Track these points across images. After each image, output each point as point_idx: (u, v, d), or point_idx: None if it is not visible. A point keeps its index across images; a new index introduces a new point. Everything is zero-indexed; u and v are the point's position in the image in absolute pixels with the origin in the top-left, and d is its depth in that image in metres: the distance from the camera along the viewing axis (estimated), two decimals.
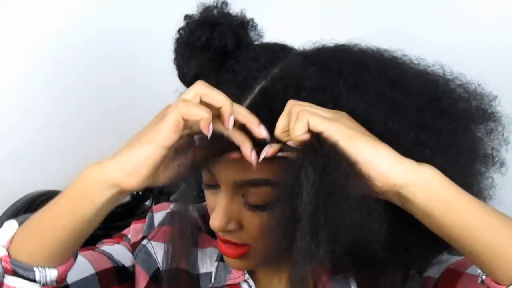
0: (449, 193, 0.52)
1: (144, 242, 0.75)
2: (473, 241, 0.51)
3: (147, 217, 0.78)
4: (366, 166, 0.51)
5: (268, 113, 0.56)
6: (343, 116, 0.55)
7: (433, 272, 0.68)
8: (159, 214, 0.78)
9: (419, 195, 0.51)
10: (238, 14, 0.65)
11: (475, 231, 0.51)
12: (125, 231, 0.79)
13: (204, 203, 0.80)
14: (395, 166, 0.52)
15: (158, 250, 0.74)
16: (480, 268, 0.54)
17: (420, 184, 0.51)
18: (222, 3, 0.65)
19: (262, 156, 0.56)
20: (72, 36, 0.97)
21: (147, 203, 1.04)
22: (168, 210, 0.79)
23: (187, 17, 0.64)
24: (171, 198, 1.07)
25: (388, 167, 0.51)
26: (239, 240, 0.64)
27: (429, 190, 0.51)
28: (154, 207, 0.80)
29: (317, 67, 0.58)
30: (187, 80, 0.64)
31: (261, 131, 0.55)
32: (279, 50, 0.63)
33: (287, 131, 0.54)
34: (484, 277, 0.54)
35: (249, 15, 0.66)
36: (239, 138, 0.56)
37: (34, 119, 0.95)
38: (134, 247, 0.75)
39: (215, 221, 0.62)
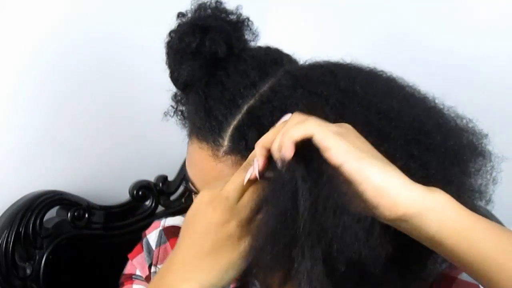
0: (462, 219, 0.48)
1: (153, 269, 0.75)
2: (486, 265, 0.48)
3: (143, 244, 0.78)
4: (374, 194, 0.46)
5: (257, 133, 0.55)
6: (349, 131, 0.51)
7: (427, 274, 0.68)
8: (152, 235, 0.78)
9: (430, 224, 0.47)
10: (234, 11, 0.64)
11: (489, 255, 0.48)
12: (127, 270, 0.78)
13: None
14: (407, 194, 0.47)
15: None
16: None
17: (433, 213, 0.48)
18: (216, 1, 0.63)
19: (246, 179, 0.53)
20: (71, 35, 0.97)
21: (147, 203, 1.04)
22: (160, 228, 0.79)
23: (180, 15, 0.63)
24: (171, 198, 1.07)
25: (399, 196, 0.47)
26: None
27: (441, 218, 0.48)
28: (146, 231, 0.80)
29: (304, 91, 0.56)
30: (178, 84, 0.63)
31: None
32: (270, 63, 0.61)
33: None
34: None
35: (247, 11, 0.65)
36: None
37: (34, 120, 0.95)
38: (149, 280, 0.75)
39: None
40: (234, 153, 0.57)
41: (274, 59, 0.62)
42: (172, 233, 0.78)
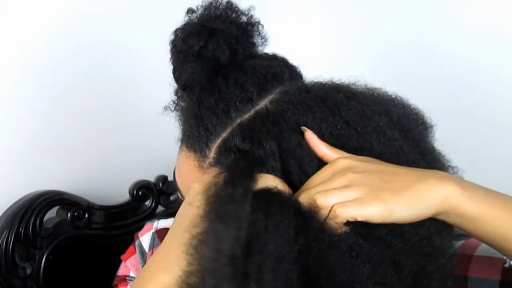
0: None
1: None
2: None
3: (135, 246, 0.78)
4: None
5: (248, 149, 0.55)
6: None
7: None
8: (145, 237, 0.78)
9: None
10: (245, 12, 0.62)
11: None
12: (120, 272, 0.78)
13: None
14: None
15: None
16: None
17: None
18: (228, 1, 0.61)
19: None
20: (73, 36, 0.97)
21: (147, 203, 1.04)
22: (153, 230, 0.79)
23: (189, 11, 0.61)
24: (171, 198, 1.07)
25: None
26: None
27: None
28: (139, 233, 0.80)
29: (298, 115, 0.56)
30: (179, 83, 0.62)
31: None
32: (271, 78, 0.59)
33: None
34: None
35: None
36: None
37: (34, 120, 0.95)
38: None
39: None
40: (219, 166, 0.56)
41: (275, 73, 0.60)
42: (164, 235, 0.77)
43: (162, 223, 0.80)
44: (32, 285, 0.89)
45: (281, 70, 0.61)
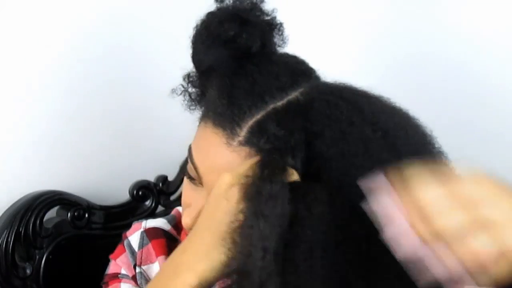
0: None
1: (137, 270, 0.75)
2: None
3: (125, 245, 0.78)
4: None
5: (279, 133, 0.56)
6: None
7: None
8: (134, 237, 0.78)
9: None
10: (269, 13, 0.63)
11: None
12: (110, 270, 0.78)
13: (173, 213, 0.81)
14: None
15: (150, 273, 0.75)
16: None
17: None
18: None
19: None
20: (72, 34, 0.97)
21: (147, 203, 1.04)
22: (142, 230, 0.79)
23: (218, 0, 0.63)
24: (171, 198, 1.07)
25: None
26: None
27: None
28: (127, 232, 0.80)
29: (330, 108, 0.57)
30: (201, 68, 0.64)
31: None
32: (300, 73, 0.62)
33: None
34: None
35: None
36: None
37: (34, 120, 0.95)
38: (135, 279, 0.76)
39: (188, 219, 0.63)
40: (250, 145, 0.58)
41: (304, 70, 0.63)
42: (154, 234, 0.78)
43: (150, 223, 0.80)
44: (32, 285, 0.89)
45: (307, 68, 0.64)
